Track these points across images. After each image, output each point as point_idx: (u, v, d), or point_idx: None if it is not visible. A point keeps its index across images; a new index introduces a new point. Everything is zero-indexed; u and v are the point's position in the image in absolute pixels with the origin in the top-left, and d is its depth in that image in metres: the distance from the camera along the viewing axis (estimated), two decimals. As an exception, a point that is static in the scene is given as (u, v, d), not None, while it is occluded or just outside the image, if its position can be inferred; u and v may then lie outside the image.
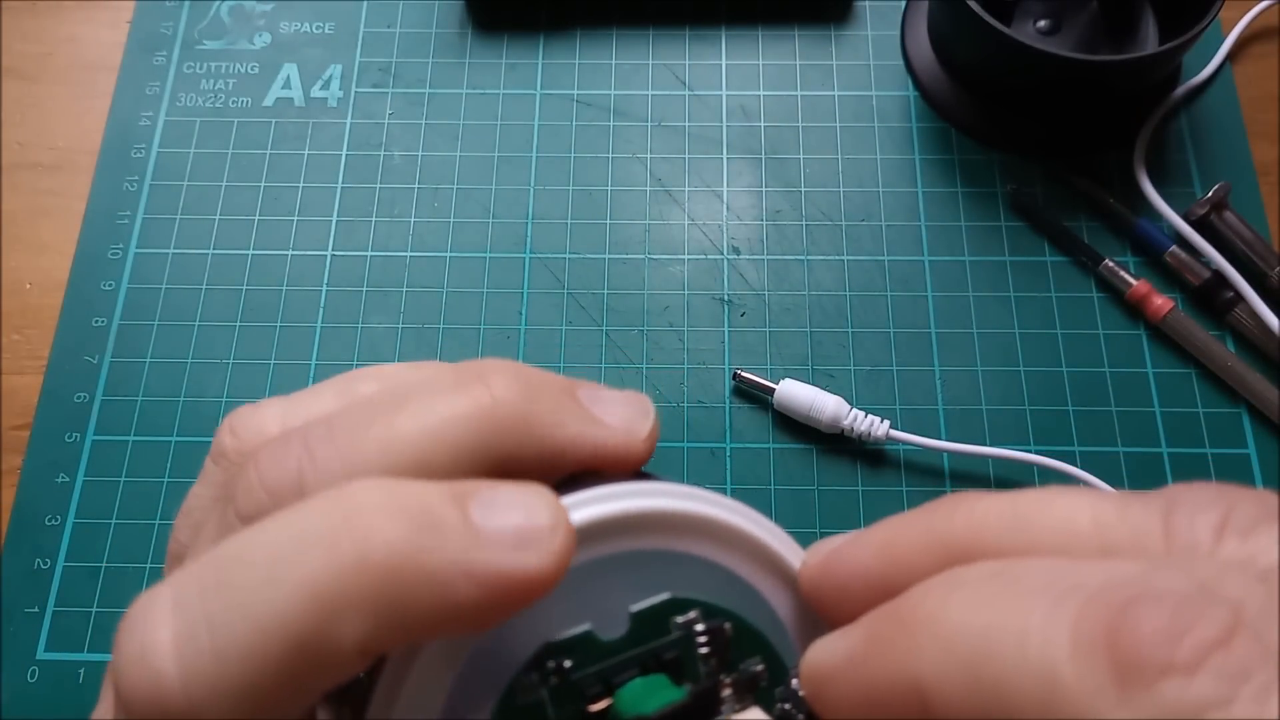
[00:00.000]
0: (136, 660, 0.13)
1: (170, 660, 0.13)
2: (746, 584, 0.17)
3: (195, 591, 0.14)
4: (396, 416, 0.16)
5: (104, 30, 0.48)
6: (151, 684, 0.13)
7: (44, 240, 0.44)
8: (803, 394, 0.39)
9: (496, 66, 0.47)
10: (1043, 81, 0.42)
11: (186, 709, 0.13)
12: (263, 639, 0.13)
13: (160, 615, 0.14)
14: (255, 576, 0.13)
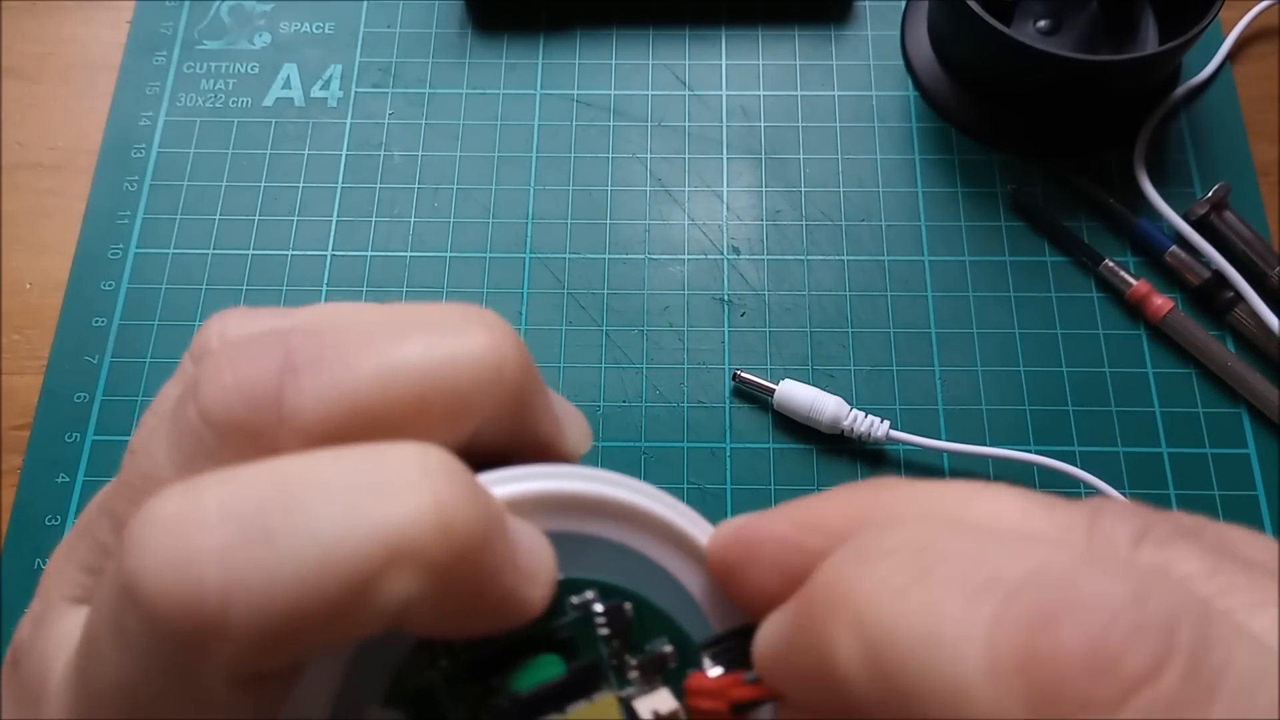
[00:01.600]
0: (171, 564, 0.12)
1: (215, 568, 0.12)
2: (657, 566, 0.17)
3: (254, 503, 0.13)
4: (397, 345, 0.15)
5: (104, 30, 0.48)
6: (186, 592, 0.12)
7: (44, 240, 0.44)
8: (803, 394, 0.39)
9: (496, 66, 0.47)
10: (1043, 81, 0.42)
11: (217, 624, 0.12)
12: (323, 569, 0.12)
13: (207, 521, 0.13)
14: (331, 502, 0.13)
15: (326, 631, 0.13)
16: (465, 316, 0.15)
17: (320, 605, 0.13)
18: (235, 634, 0.12)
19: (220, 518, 0.13)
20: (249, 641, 0.13)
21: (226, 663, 0.13)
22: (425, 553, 0.13)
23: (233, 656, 0.13)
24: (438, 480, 0.13)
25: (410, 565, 0.13)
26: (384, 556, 0.13)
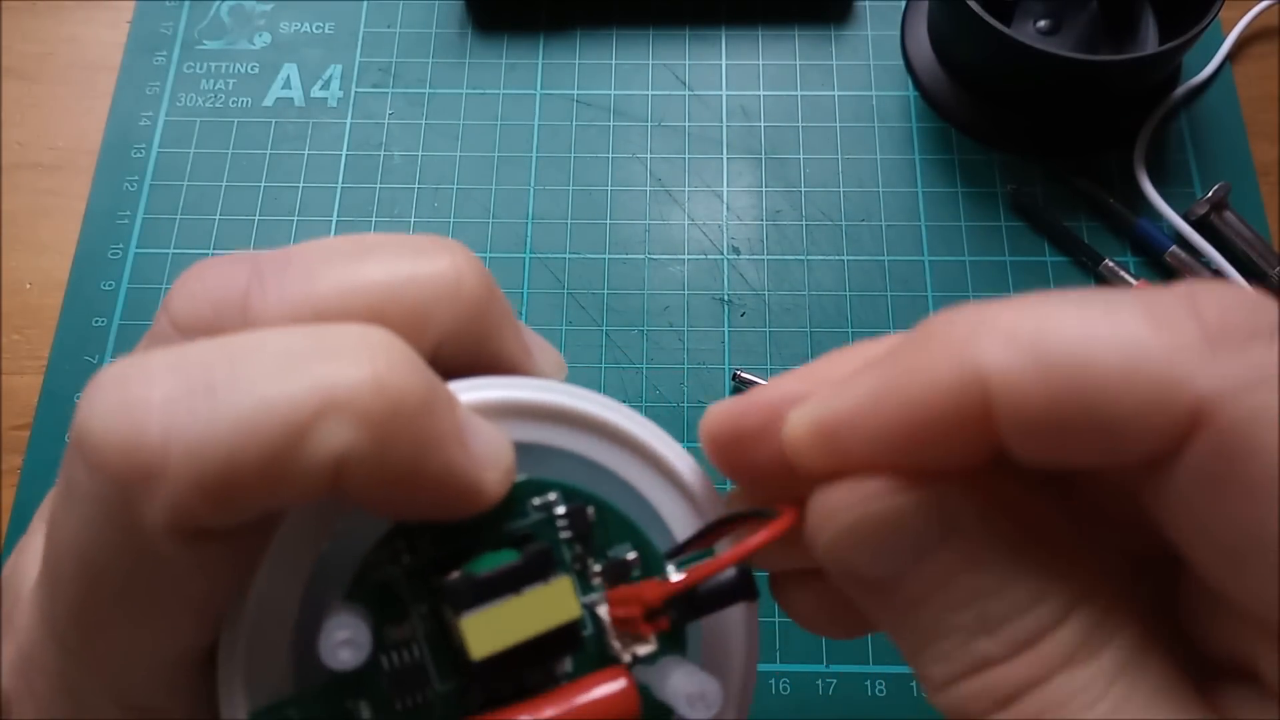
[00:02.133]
0: (115, 410, 0.13)
1: (156, 414, 0.13)
2: (624, 481, 0.17)
3: (199, 362, 0.14)
4: (360, 263, 0.16)
5: (104, 30, 0.48)
6: (128, 435, 0.13)
7: (44, 240, 0.44)
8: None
9: (496, 66, 0.47)
10: (1043, 81, 0.42)
11: (157, 465, 0.13)
12: (260, 415, 0.13)
13: (153, 375, 0.13)
14: (272, 361, 0.14)
15: (265, 480, 0.13)
16: (429, 241, 0.16)
17: (257, 450, 0.13)
18: (175, 475, 0.13)
19: (165, 373, 0.13)
20: (189, 484, 0.13)
21: (167, 508, 0.13)
22: (359, 404, 0.13)
23: (173, 501, 0.13)
24: (377, 347, 0.14)
25: (344, 415, 0.13)
26: (318, 405, 0.13)
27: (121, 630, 0.15)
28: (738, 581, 0.16)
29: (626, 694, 0.15)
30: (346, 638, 0.15)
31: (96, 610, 0.15)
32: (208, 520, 0.14)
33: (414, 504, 0.15)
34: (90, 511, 0.14)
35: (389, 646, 0.16)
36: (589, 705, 0.15)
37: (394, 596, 0.16)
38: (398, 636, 0.16)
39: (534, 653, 0.15)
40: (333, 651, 0.14)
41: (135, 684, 0.16)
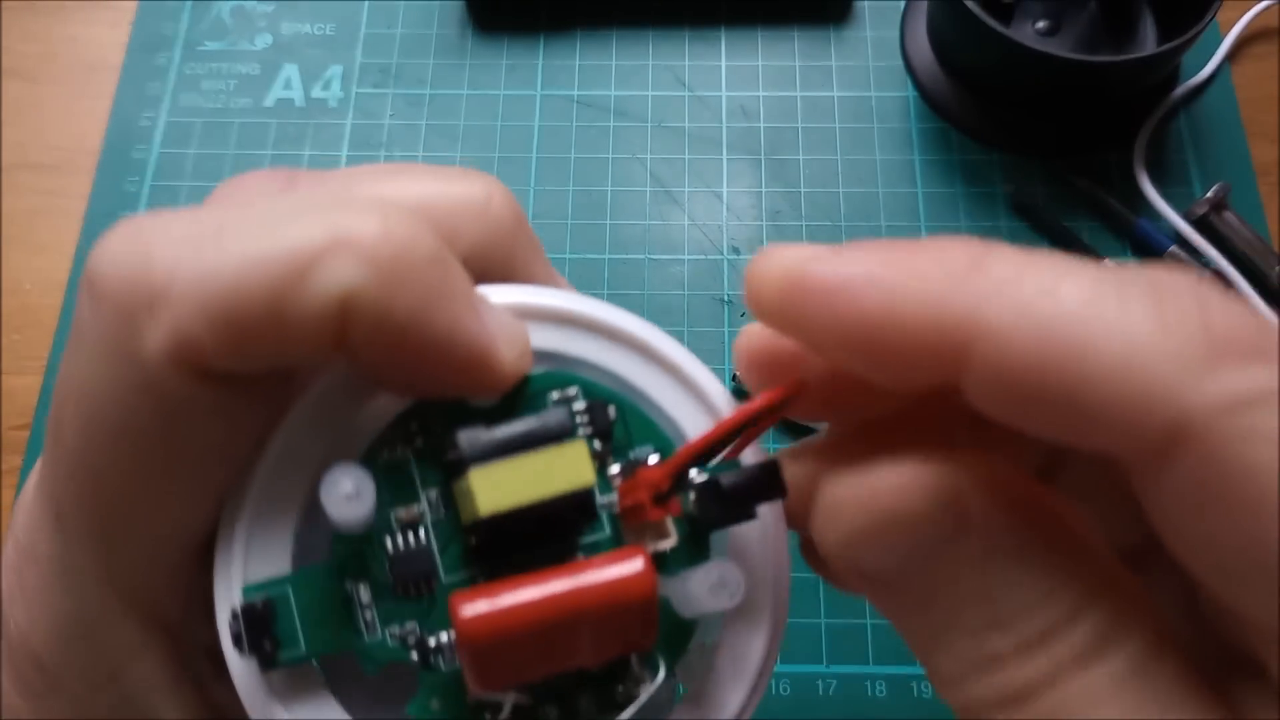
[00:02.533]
0: (124, 247, 0.14)
1: (163, 248, 0.14)
2: (645, 392, 0.17)
3: (211, 212, 0.14)
4: (394, 178, 0.16)
5: (105, 30, 0.49)
6: (133, 265, 0.14)
7: (44, 240, 0.44)
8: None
9: (497, 67, 0.47)
10: (1042, 82, 0.42)
11: (158, 293, 0.13)
12: (268, 250, 0.13)
13: (165, 221, 0.14)
14: (281, 209, 0.14)
15: (269, 313, 0.13)
16: (463, 169, 0.17)
17: (261, 280, 0.13)
18: (178, 300, 0.13)
19: (176, 220, 0.14)
20: (191, 310, 0.13)
21: (169, 332, 0.13)
22: (366, 245, 0.14)
23: (174, 326, 0.13)
24: (389, 207, 0.14)
25: (351, 254, 0.14)
26: (325, 243, 0.14)
27: (124, 491, 0.15)
28: (763, 477, 0.15)
29: (644, 574, 0.14)
30: (350, 490, 0.14)
31: (100, 467, 0.15)
32: (214, 356, 0.14)
33: (424, 368, 0.15)
34: (95, 349, 0.14)
35: (395, 529, 0.15)
36: (603, 582, 0.14)
37: (405, 477, 0.15)
38: (404, 518, 0.15)
39: (544, 523, 0.15)
40: (335, 502, 0.14)
41: (133, 564, 0.15)
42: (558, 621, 0.14)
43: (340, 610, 0.15)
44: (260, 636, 0.14)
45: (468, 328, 0.15)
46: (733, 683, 0.16)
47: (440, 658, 0.15)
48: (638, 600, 0.14)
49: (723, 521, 0.16)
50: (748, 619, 0.16)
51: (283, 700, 0.15)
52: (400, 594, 0.15)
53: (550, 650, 0.14)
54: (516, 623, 0.14)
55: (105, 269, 0.14)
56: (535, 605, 0.14)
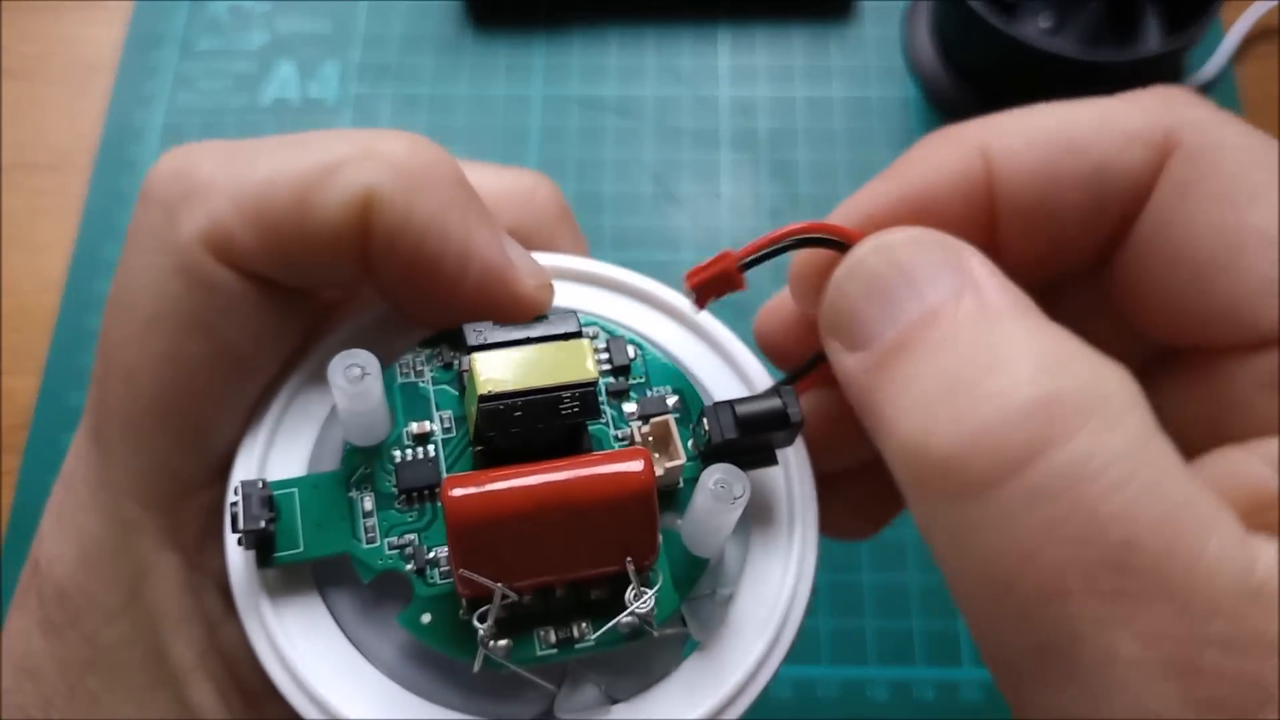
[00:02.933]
0: (173, 157, 0.16)
1: (209, 158, 0.16)
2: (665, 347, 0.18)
3: (243, 144, 0.16)
4: (468, 170, 0.18)
5: (102, 30, 0.48)
6: (179, 167, 0.16)
7: (41, 240, 0.44)
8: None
9: (495, 66, 0.47)
10: (1045, 81, 0.42)
11: (200, 188, 0.15)
12: (301, 156, 0.16)
13: (213, 142, 0.16)
14: (303, 144, 0.16)
15: (297, 205, 0.15)
16: (517, 168, 0.20)
17: (292, 176, 0.15)
18: (215, 193, 0.15)
19: (223, 142, 0.16)
20: (225, 199, 0.15)
21: (204, 216, 0.15)
22: (392, 155, 0.16)
23: (209, 211, 0.15)
24: (417, 136, 0.17)
25: (376, 159, 0.15)
26: (353, 152, 0.15)
27: (155, 384, 0.16)
28: (780, 410, 0.16)
29: (642, 470, 0.14)
30: (357, 361, 0.14)
31: (136, 363, 0.16)
32: (243, 246, 0.15)
33: (442, 283, 0.16)
34: (137, 243, 0.16)
35: (406, 442, 0.16)
36: (598, 475, 0.14)
37: (420, 396, 0.16)
38: (416, 432, 0.16)
39: (550, 428, 0.15)
40: (340, 377, 0.14)
41: (157, 467, 0.16)
42: (550, 508, 0.14)
43: (343, 517, 0.15)
44: (256, 522, 0.15)
45: (486, 243, 0.16)
46: (743, 631, 0.16)
47: (435, 571, 0.15)
48: (633, 496, 0.14)
49: (740, 454, 0.15)
50: (766, 568, 0.16)
51: (271, 597, 0.15)
52: (403, 504, 0.15)
53: (541, 545, 0.14)
54: (505, 505, 0.13)
55: (153, 176, 0.16)
56: (526, 490, 0.14)
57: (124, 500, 0.16)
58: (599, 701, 0.15)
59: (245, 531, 0.15)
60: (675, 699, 0.15)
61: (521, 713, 0.15)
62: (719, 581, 0.16)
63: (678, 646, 0.16)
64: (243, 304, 0.16)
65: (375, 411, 0.15)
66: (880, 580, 0.37)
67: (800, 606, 0.16)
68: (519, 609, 0.15)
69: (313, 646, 0.15)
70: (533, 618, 0.15)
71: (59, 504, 0.17)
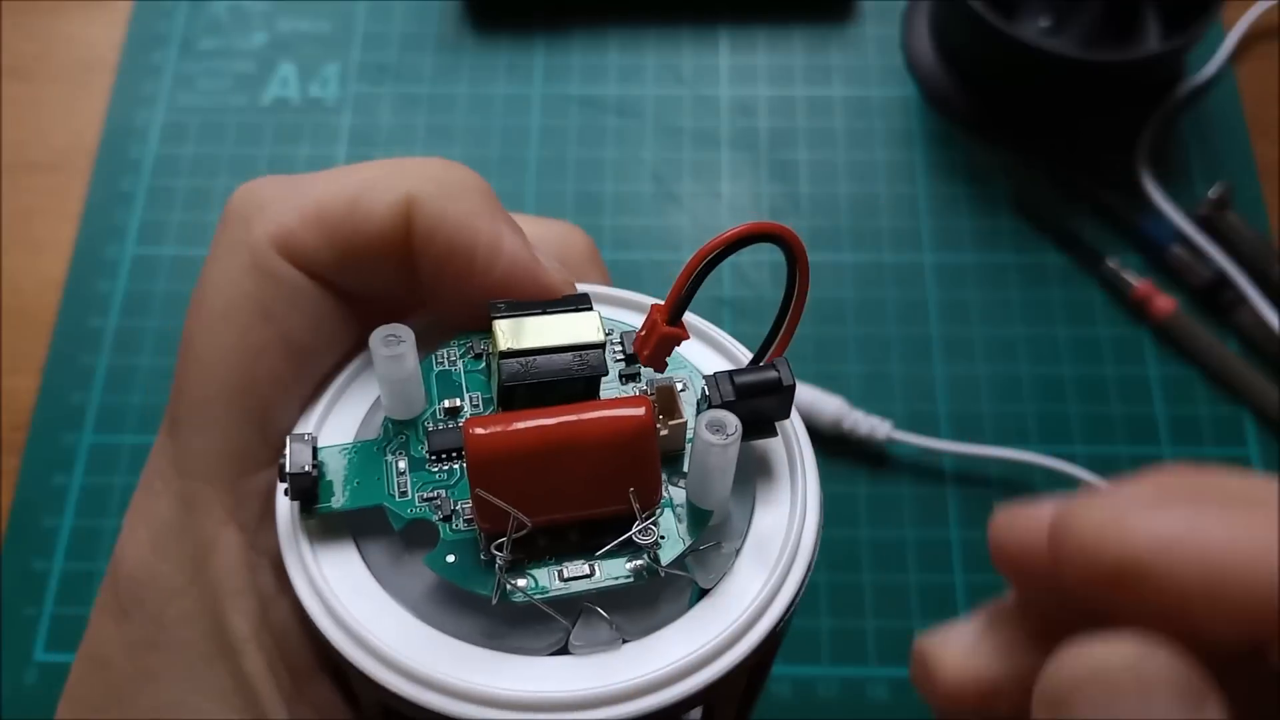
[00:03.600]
0: (246, 186, 0.19)
1: (272, 184, 0.19)
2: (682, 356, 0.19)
3: (299, 175, 0.19)
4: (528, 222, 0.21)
5: (102, 29, 0.48)
6: (253, 190, 0.19)
7: (41, 240, 0.44)
8: (803, 395, 0.39)
9: (495, 65, 0.47)
10: (1045, 81, 0.42)
11: (268, 202, 0.18)
12: (353, 174, 0.19)
13: (271, 177, 0.19)
14: (347, 171, 0.19)
15: (351, 210, 0.18)
16: (558, 220, 0.23)
17: (345, 188, 0.18)
18: (281, 205, 0.18)
19: (286, 176, 0.19)
20: (290, 208, 0.18)
21: (272, 222, 0.18)
22: (427, 170, 0.19)
23: (276, 218, 0.18)
24: (449, 161, 0.20)
25: (414, 173, 0.18)
26: (394, 169, 0.18)
27: (227, 370, 0.18)
28: (775, 377, 0.18)
29: (643, 413, 0.16)
30: (394, 331, 0.17)
31: (211, 353, 0.18)
32: (306, 246, 0.18)
33: (477, 276, 0.18)
34: (216, 251, 0.18)
35: (438, 415, 0.18)
36: (603, 416, 0.16)
37: (453, 380, 0.18)
38: (447, 407, 0.18)
39: (561, 365, 0.17)
40: (379, 337, 0.16)
41: (226, 448, 0.18)
42: (559, 445, 0.15)
43: (379, 475, 0.17)
44: (302, 466, 0.16)
45: (514, 241, 0.18)
46: (751, 569, 0.17)
47: (460, 519, 0.17)
48: (634, 435, 0.16)
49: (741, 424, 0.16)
50: (770, 520, 0.18)
51: (311, 539, 0.17)
52: (433, 465, 0.17)
53: (551, 481, 0.15)
54: (518, 441, 0.15)
55: (230, 200, 0.19)
56: (539, 429, 0.15)
57: (191, 480, 0.18)
58: (611, 638, 0.16)
59: (292, 475, 0.16)
60: (683, 638, 0.16)
61: (538, 647, 0.16)
62: (725, 536, 0.18)
63: (685, 592, 0.17)
64: (305, 297, 0.18)
65: (410, 381, 0.17)
66: (880, 580, 0.37)
67: (805, 556, 0.17)
68: (534, 549, 0.16)
69: (346, 587, 0.17)
70: (547, 557, 0.16)
71: (135, 500, 0.19)
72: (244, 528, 0.18)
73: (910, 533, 0.38)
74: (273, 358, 0.18)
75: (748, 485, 0.18)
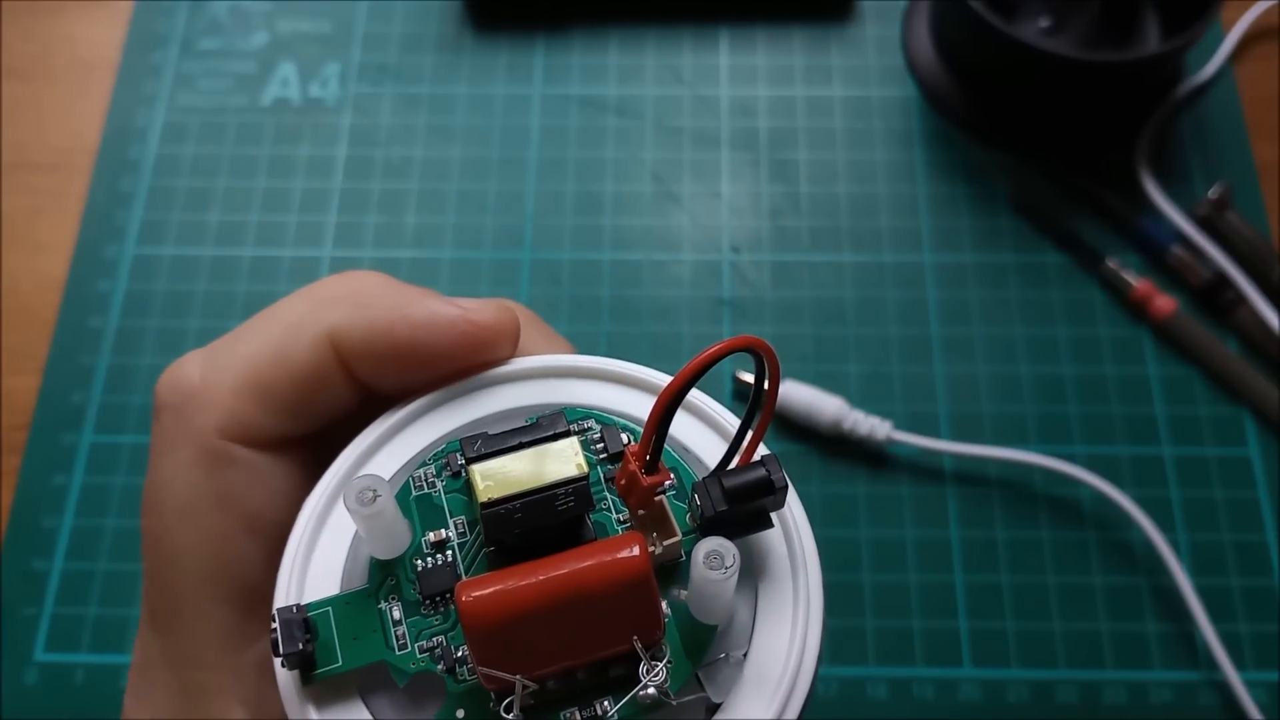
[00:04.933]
0: (171, 372, 0.19)
1: (196, 365, 0.19)
2: None
3: (220, 341, 0.19)
4: None
5: (102, 30, 0.48)
6: (174, 379, 0.19)
7: (41, 240, 0.44)
8: (802, 395, 0.39)
9: (495, 66, 0.47)
10: (1044, 81, 0.42)
11: (195, 388, 0.18)
12: (267, 328, 0.19)
13: (193, 354, 0.19)
14: (265, 320, 0.19)
15: (279, 367, 0.18)
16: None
17: (266, 348, 0.18)
18: (211, 387, 0.18)
19: (201, 350, 0.19)
20: (224, 389, 0.18)
21: (212, 410, 0.18)
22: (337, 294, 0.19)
23: (213, 403, 0.18)
24: (351, 272, 0.20)
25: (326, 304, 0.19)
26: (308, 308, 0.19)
27: (194, 563, 0.18)
28: (765, 477, 0.17)
29: (637, 555, 0.15)
30: (368, 485, 0.16)
31: (173, 550, 0.18)
32: (254, 419, 0.18)
33: (422, 352, 0.18)
34: (157, 447, 0.18)
35: (425, 552, 0.17)
36: (597, 564, 0.15)
37: (435, 508, 0.17)
38: (433, 540, 0.17)
39: (551, 525, 0.16)
40: (352, 494, 0.16)
41: (223, 632, 0.18)
42: (556, 601, 0.15)
43: (375, 628, 0.17)
44: (295, 644, 0.16)
45: (440, 307, 0.18)
46: (759, 686, 0.17)
47: (464, 668, 0.16)
48: (631, 579, 0.15)
49: (736, 523, 0.16)
50: (774, 625, 0.17)
51: (318, 705, 0.16)
52: (429, 609, 0.17)
53: (554, 634, 0.15)
54: (515, 603, 0.15)
55: (157, 392, 0.19)
56: (533, 587, 0.15)
57: (188, 669, 0.18)
58: None
59: (286, 655, 0.16)
60: None
61: None
62: (731, 644, 0.17)
63: (699, 711, 0.17)
64: (258, 472, 0.18)
65: (393, 526, 0.17)
66: (880, 580, 0.37)
67: (812, 654, 0.17)
68: (544, 694, 0.16)
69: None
70: (558, 700, 0.16)
71: (134, 686, 0.19)
72: (246, 700, 0.18)
73: (910, 533, 0.38)
74: (239, 541, 0.18)
75: (748, 578, 0.17)
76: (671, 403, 0.16)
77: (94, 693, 0.36)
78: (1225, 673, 0.35)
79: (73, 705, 0.36)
